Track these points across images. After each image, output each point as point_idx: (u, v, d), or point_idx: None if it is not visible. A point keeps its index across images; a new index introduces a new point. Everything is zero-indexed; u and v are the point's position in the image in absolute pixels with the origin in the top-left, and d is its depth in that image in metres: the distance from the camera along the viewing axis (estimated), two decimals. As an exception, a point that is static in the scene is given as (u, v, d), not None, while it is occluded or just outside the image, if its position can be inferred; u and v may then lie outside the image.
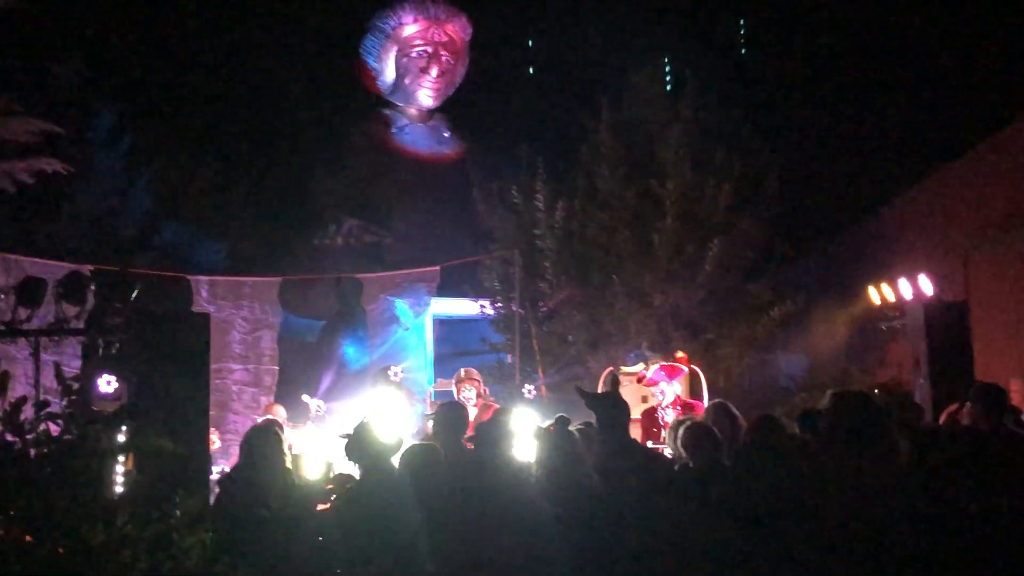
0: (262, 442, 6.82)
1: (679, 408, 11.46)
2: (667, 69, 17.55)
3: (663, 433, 9.95)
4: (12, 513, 4.79)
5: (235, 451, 10.25)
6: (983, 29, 18.68)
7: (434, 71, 20.94)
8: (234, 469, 7.09)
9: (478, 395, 12.16)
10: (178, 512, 4.63)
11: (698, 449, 6.93)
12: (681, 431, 7.23)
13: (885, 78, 19.87)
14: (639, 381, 12.69)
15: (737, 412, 8.08)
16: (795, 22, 21.27)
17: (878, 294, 14.35)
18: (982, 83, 18.24)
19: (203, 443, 8.22)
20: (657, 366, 12.30)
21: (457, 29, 21.11)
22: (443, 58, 20.96)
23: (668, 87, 17.48)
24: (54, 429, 7.12)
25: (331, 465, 7.29)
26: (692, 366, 12.79)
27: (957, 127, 17.67)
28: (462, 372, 12.52)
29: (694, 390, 13.36)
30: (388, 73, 21.11)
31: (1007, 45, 18.19)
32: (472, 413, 11.81)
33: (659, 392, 11.79)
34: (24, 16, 15.14)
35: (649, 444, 10.75)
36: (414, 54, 20.86)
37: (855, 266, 17.40)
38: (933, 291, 12.91)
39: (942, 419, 9.25)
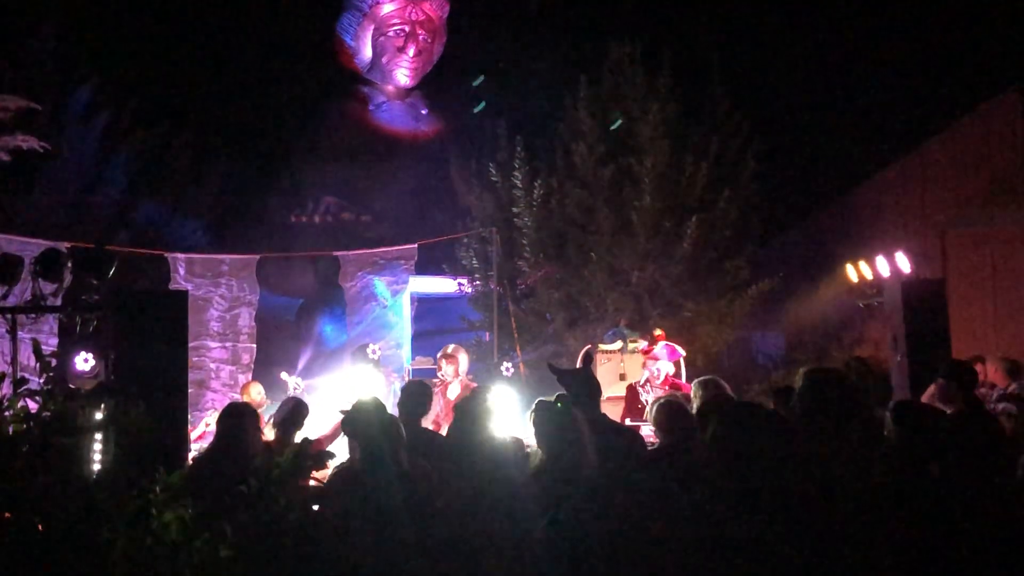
0: (238, 417, 6.81)
1: (667, 388, 11.50)
2: (644, 46, 17.47)
3: (646, 411, 9.98)
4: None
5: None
6: (959, 7, 18.73)
7: (411, 50, 20.89)
8: (211, 445, 7.08)
9: (455, 373, 12.22)
10: (157, 488, 4.62)
11: (672, 425, 6.91)
12: (654, 408, 7.20)
13: (862, 56, 19.91)
14: (644, 353, 12.69)
15: (728, 388, 7.95)
16: (772, 2, 21.28)
17: (856, 272, 14.40)
18: (958, 60, 18.30)
19: (182, 420, 8.20)
20: (663, 344, 12.33)
21: (434, 7, 21.06)
22: (420, 37, 20.91)
23: (645, 66, 17.39)
24: (32, 406, 7.10)
25: (307, 440, 7.28)
26: (676, 346, 12.81)
27: (934, 104, 17.74)
28: (449, 348, 12.60)
29: (678, 369, 13.41)
30: (365, 51, 21.06)
31: (983, 23, 18.25)
32: (454, 391, 11.92)
33: (655, 368, 11.81)
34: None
35: (628, 422, 10.79)
36: (391, 33, 20.80)
37: (833, 244, 17.48)
38: (911, 268, 12.96)
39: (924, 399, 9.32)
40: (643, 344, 13.28)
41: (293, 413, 8.51)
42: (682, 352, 12.58)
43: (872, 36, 19.93)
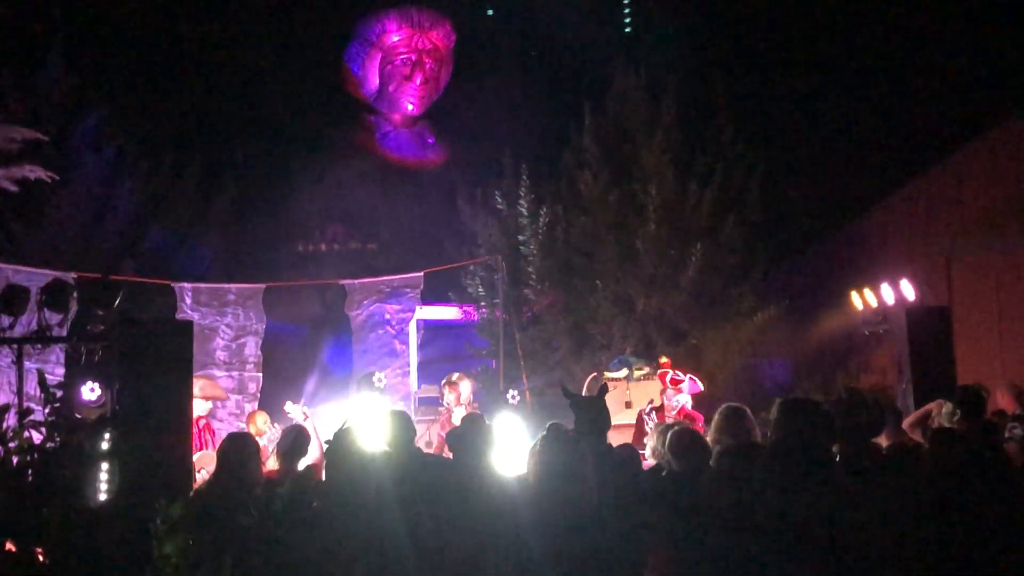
0: (238, 450, 6.80)
1: (682, 416, 11.54)
2: (648, 74, 17.57)
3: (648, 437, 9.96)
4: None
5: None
6: (962, 35, 18.77)
7: (418, 79, 20.95)
8: (212, 475, 7.07)
9: (458, 400, 12.31)
10: (158, 520, 4.65)
11: (685, 454, 6.90)
12: (669, 435, 7.20)
13: (867, 83, 19.95)
14: (673, 383, 12.68)
15: (751, 417, 7.66)
16: (777, 28, 21.33)
17: (861, 299, 14.39)
18: (963, 87, 18.33)
19: (186, 450, 8.20)
20: (689, 376, 12.36)
21: (441, 36, 21.13)
22: (427, 65, 20.98)
23: (650, 93, 17.48)
24: (37, 437, 7.13)
25: (308, 469, 7.30)
26: (698, 381, 12.82)
27: (939, 131, 17.76)
28: (453, 376, 12.68)
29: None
30: (372, 80, 21.13)
31: (986, 51, 18.29)
32: (458, 419, 11.93)
33: (675, 399, 11.84)
34: (6, 23, 15.12)
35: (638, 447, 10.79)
36: (398, 62, 20.87)
37: (838, 271, 17.48)
38: (915, 296, 12.97)
39: (908, 420, 9.38)
40: (647, 370, 13.31)
41: (295, 443, 8.53)
42: (701, 387, 12.62)
43: (877, 63, 19.98)
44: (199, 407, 11.39)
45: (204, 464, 10.68)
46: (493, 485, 6.35)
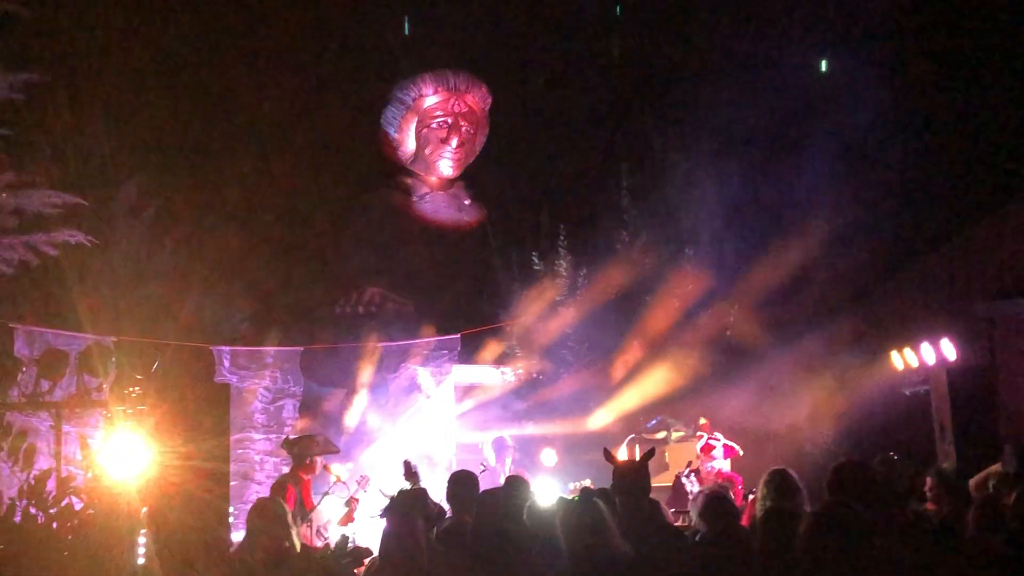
0: (267, 516, 6.70)
1: (721, 479, 11.52)
2: (683, 131, 17.67)
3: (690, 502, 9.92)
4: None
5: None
6: (1004, 94, 18.70)
7: (454, 141, 20.98)
8: (241, 543, 6.94)
9: (499, 461, 12.43)
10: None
11: (713, 517, 6.88)
12: (699, 499, 7.18)
13: (903, 134, 19.84)
14: (704, 452, 12.64)
15: (797, 480, 7.40)
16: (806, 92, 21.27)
17: (901, 359, 14.26)
18: (1008, 141, 18.21)
19: (223, 515, 8.20)
20: (722, 444, 12.34)
21: (477, 99, 21.21)
22: (463, 128, 21.02)
23: (686, 153, 17.55)
24: (76, 503, 7.13)
25: (349, 538, 7.23)
26: (735, 445, 12.77)
27: (978, 187, 17.66)
28: (492, 437, 12.80)
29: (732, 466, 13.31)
30: (408, 143, 21.19)
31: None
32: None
33: (709, 465, 11.85)
34: (46, 88, 15.32)
35: (673, 510, 10.75)
36: (434, 124, 20.93)
37: (880, 330, 17.33)
38: (956, 355, 12.82)
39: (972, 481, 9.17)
40: (684, 432, 13.27)
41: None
42: (739, 451, 12.56)
43: (918, 114, 19.86)
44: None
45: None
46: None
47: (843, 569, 4.83)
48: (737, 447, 12.67)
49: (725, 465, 12.20)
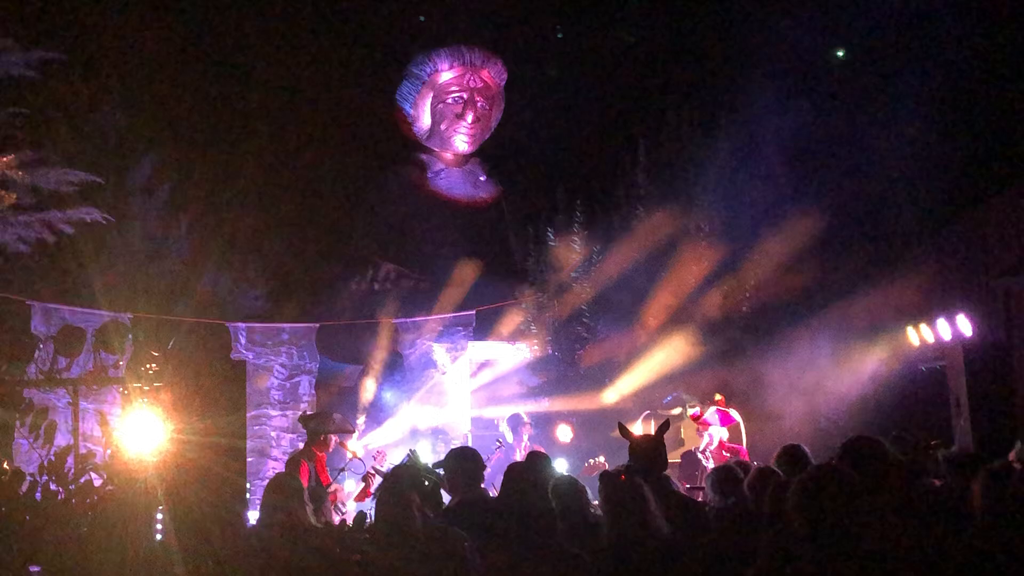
0: (282, 492, 6.69)
1: (725, 453, 11.52)
2: (701, 109, 17.58)
3: (704, 477, 9.94)
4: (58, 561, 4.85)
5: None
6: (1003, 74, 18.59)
7: (469, 117, 20.97)
8: (258, 520, 6.94)
9: (516, 439, 12.49)
10: (209, 562, 4.66)
11: (722, 491, 6.95)
12: (711, 475, 7.26)
13: (920, 114, 19.75)
14: (694, 420, 12.68)
15: (810, 455, 7.42)
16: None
17: (917, 335, 14.23)
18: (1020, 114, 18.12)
19: (240, 491, 8.23)
20: (714, 409, 12.32)
21: (492, 74, 21.19)
22: (478, 103, 21.02)
23: (703, 129, 17.47)
24: (96, 479, 7.18)
25: (366, 514, 7.26)
26: (730, 411, 12.75)
27: (995, 162, 17.57)
28: (508, 414, 12.86)
29: (733, 434, 13.29)
30: (424, 119, 21.20)
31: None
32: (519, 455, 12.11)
33: (707, 434, 11.85)
34: (62, 66, 15.35)
35: (687, 486, 10.77)
36: (450, 100, 20.92)
37: (894, 306, 17.27)
38: (972, 331, 12.79)
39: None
40: (699, 408, 13.26)
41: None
42: (737, 417, 12.52)
43: (937, 96, 19.76)
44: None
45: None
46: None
47: (830, 527, 4.80)
48: (736, 414, 12.68)
49: (724, 434, 12.19)
